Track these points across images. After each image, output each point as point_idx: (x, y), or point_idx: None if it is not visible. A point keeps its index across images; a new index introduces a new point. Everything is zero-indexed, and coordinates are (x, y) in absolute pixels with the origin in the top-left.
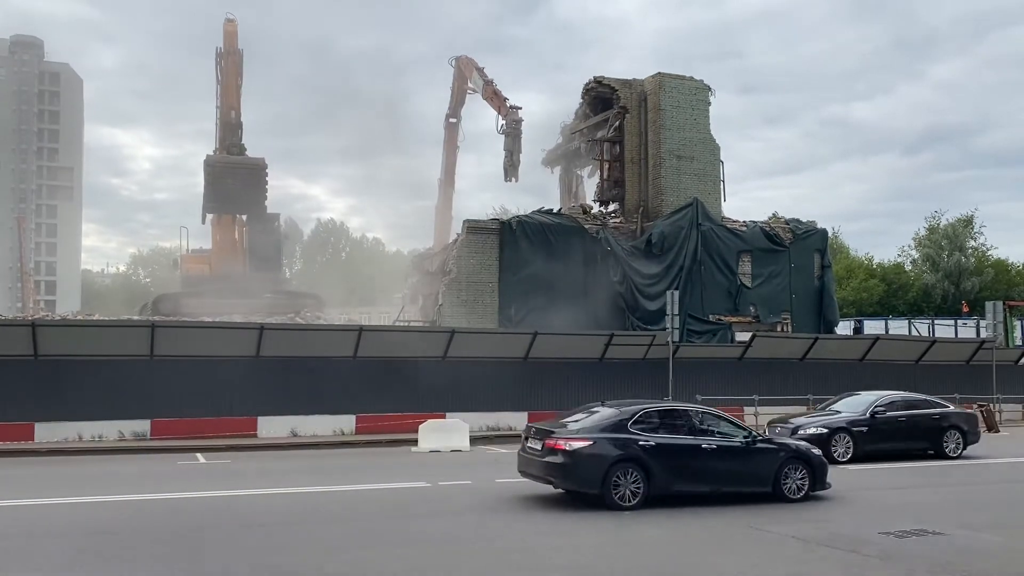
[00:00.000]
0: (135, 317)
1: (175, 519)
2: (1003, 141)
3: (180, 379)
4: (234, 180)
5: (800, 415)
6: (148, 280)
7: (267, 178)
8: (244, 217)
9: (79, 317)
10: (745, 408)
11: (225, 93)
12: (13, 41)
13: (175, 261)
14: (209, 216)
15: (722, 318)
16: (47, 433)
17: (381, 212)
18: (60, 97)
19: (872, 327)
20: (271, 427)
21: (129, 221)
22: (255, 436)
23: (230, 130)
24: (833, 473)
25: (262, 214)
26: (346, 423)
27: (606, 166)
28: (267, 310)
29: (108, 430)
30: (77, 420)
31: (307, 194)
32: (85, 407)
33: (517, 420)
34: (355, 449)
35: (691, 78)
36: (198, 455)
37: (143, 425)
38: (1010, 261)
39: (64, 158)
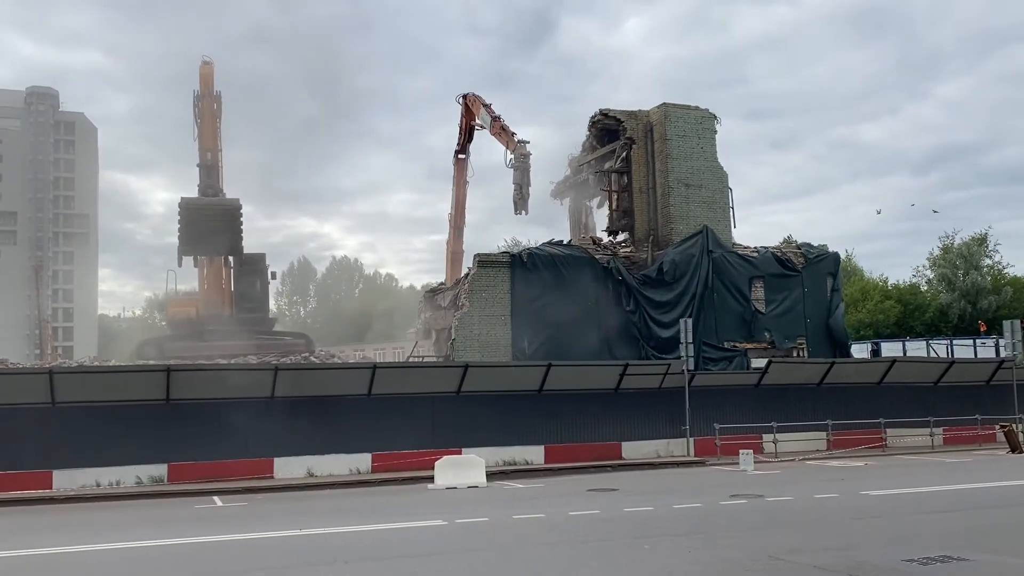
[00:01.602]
0: (150, 362)
1: (192, 563)
2: (1013, 158)
3: (196, 422)
4: (208, 222)
5: None
6: (164, 323)
7: (242, 219)
8: (231, 259)
9: (95, 363)
10: (764, 436)
11: (202, 135)
12: (29, 92)
13: (161, 304)
14: (186, 259)
15: (737, 345)
16: (65, 480)
17: (394, 248)
18: (75, 146)
19: (889, 349)
20: (287, 468)
21: (144, 265)
22: (272, 477)
23: (205, 172)
24: None
25: (241, 255)
26: (362, 462)
27: (615, 196)
28: (253, 352)
29: (126, 476)
30: (94, 466)
31: (319, 232)
32: (102, 453)
33: (534, 454)
34: (372, 488)
35: (696, 107)
36: (215, 498)
37: (160, 469)
38: None
39: (80, 205)
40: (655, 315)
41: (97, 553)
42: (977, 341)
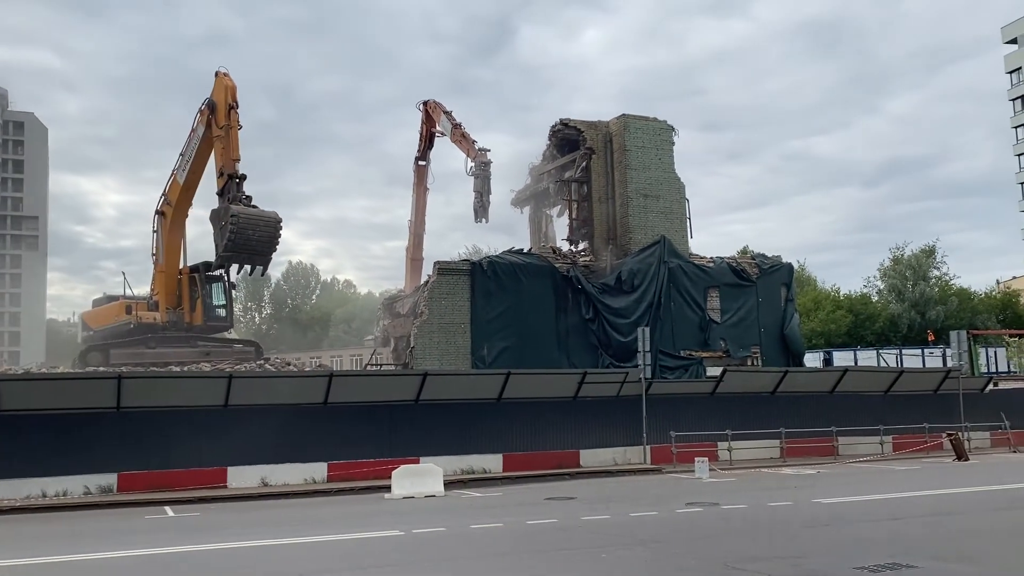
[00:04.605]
0: (99, 369)
1: None
2: (960, 173)
3: (147, 431)
4: (256, 233)
5: None
6: (132, 326)
7: (281, 232)
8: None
9: (43, 370)
10: (719, 444)
11: (232, 146)
12: None
13: (127, 308)
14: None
15: (693, 353)
16: (9, 490)
17: (352, 254)
18: (24, 146)
19: (841, 358)
20: (241, 477)
21: (94, 269)
22: (225, 487)
23: (235, 184)
24: None
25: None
26: (318, 471)
27: (574, 206)
28: (202, 359)
29: (73, 485)
30: (41, 476)
31: None
32: (49, 462)
33: (492, 463)
34: (327, 498)
35: (654, 119)
36: (167, 508)
37: (109, 479)
38: (972, 290)
39: (29, 207)
40: (614, 324)
41: (41, 567)
42: (925, 351)
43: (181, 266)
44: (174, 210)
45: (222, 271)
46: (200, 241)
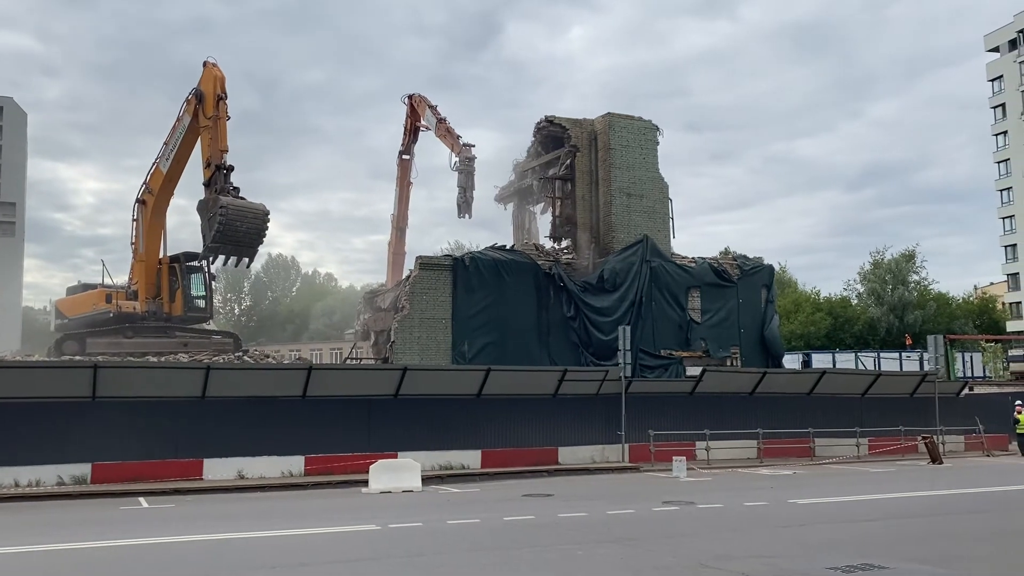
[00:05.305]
0: (78, 358)
1: (114, 568)
2: (939, 179)
3: (123, 421)
4: (242, 224)
5: None
6: (112, 315)
7: (268, 225)
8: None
9: (18, 358)
10: (697, 443)
11: (221, 137)
12: None
13: (107, 296)
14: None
15: (673, 353)
16: None
17: (333, 247)
18: (3, 131)
19: (820, 360)
20: (217, 469)
21: (72, 256)
22: (201, 479)
23: (222, 175)
24: None
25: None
26: (295, 464)
27: (558, 203)
28: (180, 350)
29: (47, 475)
30: (13, 465)
31: None
32: (22, 451)
33: (470, 459)
34: (304, 491)
35: (639, 118)
36: (141, 499)
37: (83, 469)
38: (950, 295)
39: (6, 193)
40: (595, 321)
41: (9, 556)
42: (903, 354)
43: (161, 256)
44: (155, 199)
45: (202, 262)
46: (179, 231)
